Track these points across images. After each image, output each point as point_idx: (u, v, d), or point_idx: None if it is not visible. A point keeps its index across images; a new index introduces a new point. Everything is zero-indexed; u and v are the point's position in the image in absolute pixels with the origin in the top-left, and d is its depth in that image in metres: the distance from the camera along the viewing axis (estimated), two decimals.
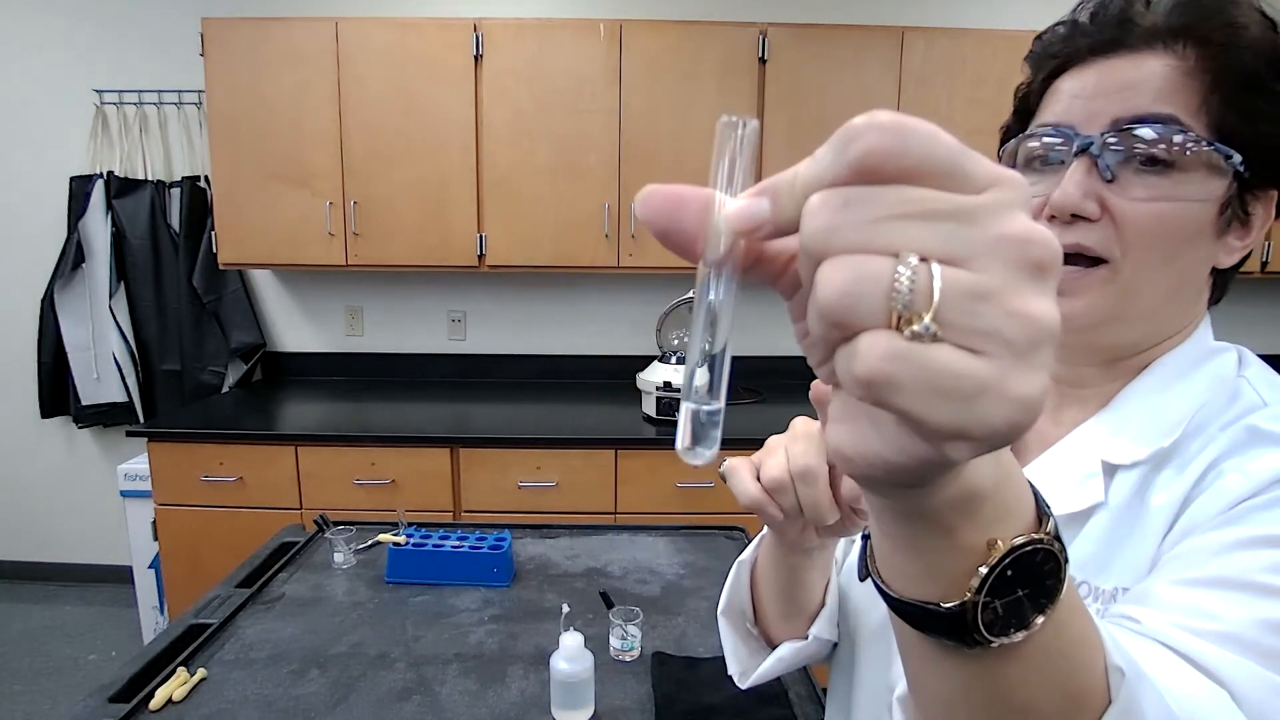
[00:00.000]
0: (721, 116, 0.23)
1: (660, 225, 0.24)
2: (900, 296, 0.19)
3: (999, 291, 0.19)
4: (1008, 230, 0.20)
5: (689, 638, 1.10)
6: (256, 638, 1.08)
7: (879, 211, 0.20)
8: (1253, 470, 0.43)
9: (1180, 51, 0.45)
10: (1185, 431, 0.48)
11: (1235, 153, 0.45)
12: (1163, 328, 0.52)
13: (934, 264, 0.19)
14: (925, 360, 0.19)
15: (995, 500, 0.25)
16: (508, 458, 2.25)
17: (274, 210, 2.48)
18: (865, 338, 0.20)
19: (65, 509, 3.06)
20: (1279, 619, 0.38)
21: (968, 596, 0.25)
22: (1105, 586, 0.47)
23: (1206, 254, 0.49)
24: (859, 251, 0.20)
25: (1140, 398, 0.52)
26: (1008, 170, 0.20)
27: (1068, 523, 0.50)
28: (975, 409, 0.19)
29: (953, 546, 0.25)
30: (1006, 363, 0.19)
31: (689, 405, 0.24)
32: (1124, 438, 0.50)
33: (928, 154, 0.20)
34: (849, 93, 2.45)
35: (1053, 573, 0.26)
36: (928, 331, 0.19)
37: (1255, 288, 2.89)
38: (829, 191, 0.20)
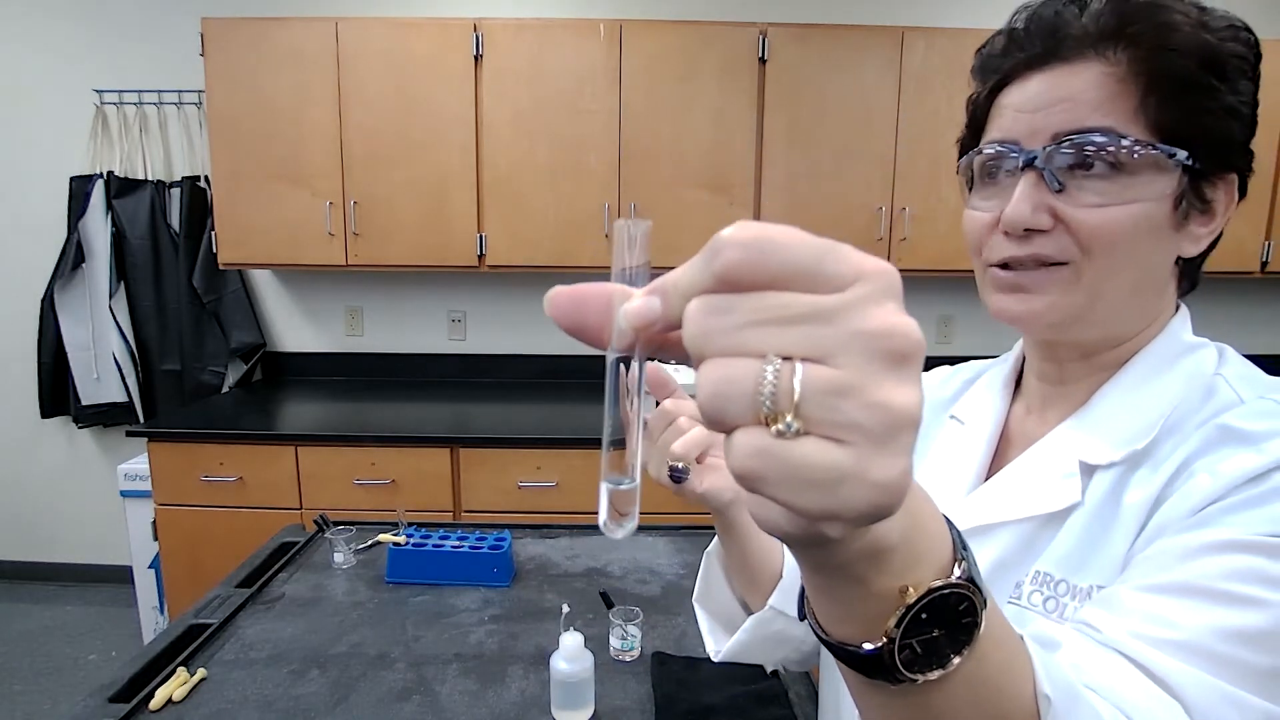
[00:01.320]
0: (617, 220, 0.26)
1: (568, 324, 0.26)
2: (764, 397, 0.21)
3: (858, 385, 0.20)
4: (866, 325, 0.21)
5: (689, 638, 1.10)
6: (256, 638, 1.08)
7: (744, 318, 0.21)
8: (1222, 470, 0.43)
9: (1112, 57, 0.46)
10: (1161, 430, 0.49)
11: (1178, 150, 0.46)
12: (1133, 322, 0.52)
13: (797, 363, 0.21)
14: (789, 456, 0.21)
15: (904, 550, 0.26)
16: (508, 458, 2.25)
17: (274, 210, 2.48)
18: (737, 435, 0.22)
19: (65, 509, 3.06)
20: (1235, 627, 0.38)
21: (883, 641, 0.27)
22: (1082, 585, 0.48)
23: (1168, 247, 0.49)
24: (729, 354, 0.22)
25: (1117, 396, 0.52)
26: (874, 263, 0.22)
27: (1047, 521, 0.51)
28: (839, 494, 0.21)
29: (867, 594, 0.26)
30: (866, 450, 0.21)
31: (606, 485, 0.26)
32: (1101, 437, 0.51)
33: (786, 262, 0.21)
34: (849, 93, 2.45)
35: (968, 612, 0.28)
36: (790, 429, 0.21)
37: (1255, 288, 2.89)
38: (703, 298, 0.22)
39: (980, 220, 0.53)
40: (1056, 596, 0.49)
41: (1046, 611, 0.49)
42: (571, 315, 0.26)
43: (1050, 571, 0.49)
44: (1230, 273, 2.56)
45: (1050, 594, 0.49)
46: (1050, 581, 0.49)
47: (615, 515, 0.26)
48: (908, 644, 0.27)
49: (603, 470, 0.26)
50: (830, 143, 2.48)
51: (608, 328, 0.26)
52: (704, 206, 2.49)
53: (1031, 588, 0.50)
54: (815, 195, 2.50)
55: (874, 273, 0.21)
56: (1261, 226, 2.53)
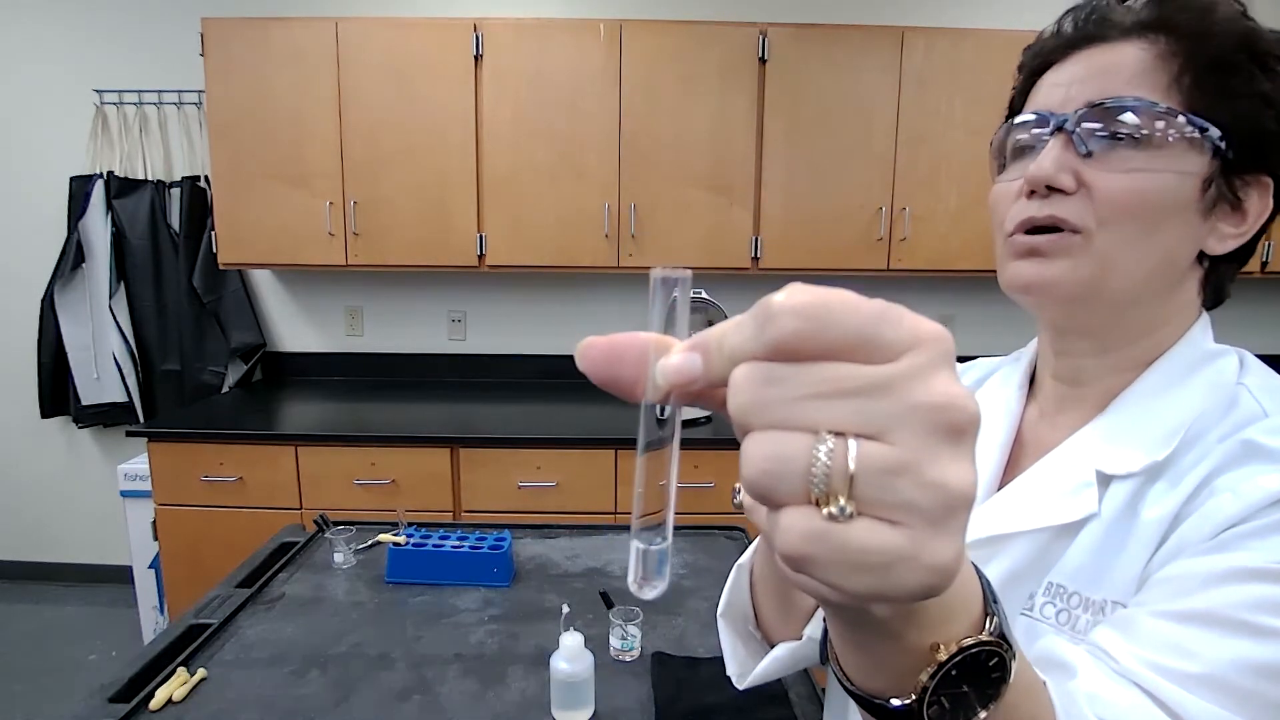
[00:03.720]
0: (655, 270, 0.24)
1: (600, 378, 0.25)
2: (817, 479, 0.20)
3: (913, 463, 0.20)
4: (922, 399, 0.20)
5: (689, 638, 1.10)
6: (256, 638, 1.08)
7: (798, 391, 0.20)
8: (1245, 491, 0.42)
9: (1151, 39, 0.47)
10: (1181, 441, 0.47)
11: (1210, 125, 0.45)
12: (1148, 311, 0.51)
13: (851, 440, 0.20)
14: (841, 540, 0.20)
15: (939, 606, 0.25)
16: (508, 458, 2.25)
17: (274, 210, 2.48)
18: (785, 515, 0.21)
19: (65, 509, 3.06)
20: (1256, 660, 0.37)
21: (913, 698, 0.26)
22: (1095, 598, 0.47)
23: (1191, 234, 0.48)
24: (780, 428, 0.21)
25: (1136, 403, 0.51)
26: (930, 328, 0.21)
27: (1061, 532, 0.50)
28: (890, 578, 0.20)
29: (898, 649, 0.26)
30: (921, 533, 0.20)
31: (638, 545, 0.25)
32: (1119, 446, 0.50)
33: (844, 331, 0.20)
34: (849, 93, 2.45)
35: (998, 667, 0.27)
36: (844, 514, 0.20)
37: (1255, 288, 2.90)
38: (752, 366, 0.21)
39: (1008, 190, 0.52)
40: (1069, 609, 0.48)
41: (1059, 624, 0.48)
42: (605, 370, 0.25)
43: (1063, 584, 0.49)
44: None
45: (1063, 606, 0.48)
46: (1063, 593, 0.48)
47: (647, 575, 0.25)
48: (936, 700, 0.27)
49: (634, 527, 0.25)
50: (830, 143, 2.48)
51: (642, 381, 0.24)
52: (704, 206, 2.49)
53: (1044, 599, 0.49)
54: (815, 195, 2.50)
55: (931, 339, 0.20)
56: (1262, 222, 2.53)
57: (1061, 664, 0.41)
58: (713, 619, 0.66)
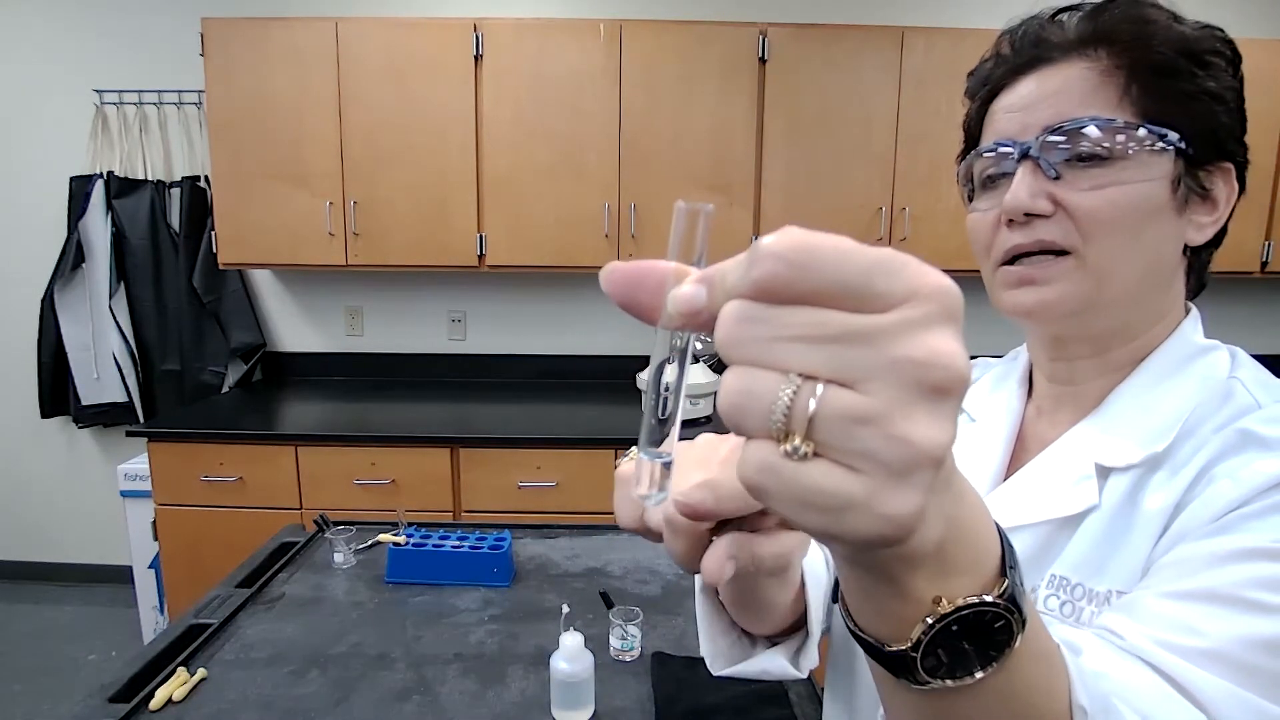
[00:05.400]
0: (679, 202, 0.25)
1: (621, 300, 0.26)
2: (776, 416, 0.20)
3: (882, 414, 0.20)
4: (906, 352, 0.20)
5: (689, 638, 1.10)
6: (256, 638, 1.08)
7: (773, 331, 0.21)
8: (1244, 476, 0.43)
9: (1093, 54, 0.49)
10: (1178, 434, 0.48)
11: (1167, 130, 0.47)
12: (1144, 312, 0.52)
13: (818, 385, 0.20)
14: (793, 477, 0.21)
15: (940, 559, 0.25)
16: (508, 458, 2.25)
17: (274, 210, 2.48)
18: (749, 446, 0.22)
19: (65, 509, 3.06)
20: (1262, 636, 0.38)
21: (908, 645, 0.26)
22: (1099, 589, 0.47)
23: (1172, 231, 0.50)
24: (754, 365, 0.21)
25: (1131, 397, 0.52)
26: (934, 281, 0.20)
27: (1063, 525, 0.51)
28: (842, 521, 0.21)
29: (898, 594, 0.26)
30: (879, 482, 0.20)
31: (645, 457, 0.26)
32: (1116, 439, 0.51)
33: (828, 277, 0.20)
34: (849, 93, 2.45)
35: (1004, 630, 0.27)
36: (797, 451, 0.20)
37: (1255, 288, 2.89)
38: (737, 304, 0.22)
39: (984, 220, 0.54)
40: (1073, 601, 0.48)
41: (1063, 616, 0.48)
42: (626, 292, 0.26)
43: (1066, 575, 0.49)
44: (1230, 273, 2.55)
45: (1067, 598, 0.49)
46: (1066, 585, 0.49)
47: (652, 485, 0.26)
48: (934, 651, 0.27)
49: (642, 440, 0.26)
50: (830, 143, 2.48)
51: (659, 307, 0.25)
52: None
53: (1047, 592, 0.50)
54: (815, 195, 2.50)
55: (930, 292, 0.20)
56: (1261, 226, 2.53)
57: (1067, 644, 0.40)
58: None
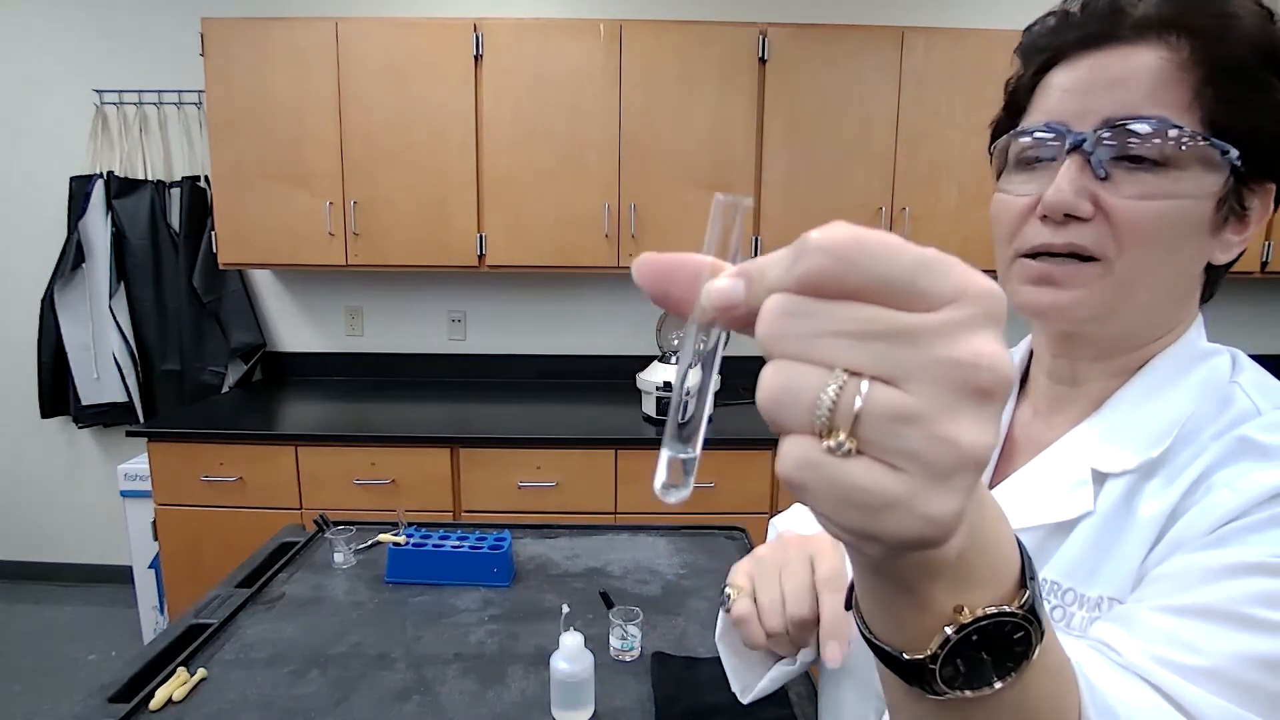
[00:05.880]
0: (717, 195, 0.25)
1: (652, 292, 0.26)
2: (820, 411, 0.20)
3: (926, 414, 0.20)
4: (951, 353, 0.20)
5: (689, 638, 1.10)
6: (256, 638, 1.08)
7: (819, 327, 0.20)
8: (1242, 486, 0.42)
9: (1173, 43, 0.44)
10: (1175, 439, 0.48)
11: (1232, 147, 0.44)
12: (1158, 324, 0.52)
13: (864, 382, 0.20)
14: (835, 473, 0.20)
15: (962, 569, 0.25)
16: (508, 458, 2.25)
17: (274, 210, 2.48)
18: (788, 441, 0.21)
19: (65, 509, 3.06)
20: (1260, 653, 0.37)
21: (926, 654, 0.26)
22: (1091, 594, 0.47)
23: (1203, 249, 0.49)
24: (797, 360, 0.21)
25: (1131, 402, 0.51)
26: (980, 284, 0.20)
27: (1056, 529, 0.50)
28: (881, 520, 0.20)
29: (917, 604, 0.26)
30: (920, 483, 0.20)
31: (668, 452, 0.26)
32: (1114, 444, 0.50)
33: (877, 274, 0.20)
34: (849, 93, 2.45)
35: (1022, 641, 0.27)
36: (841, 447, 0.20)
37: (1255, 288, 2.89)
38: (781, 297, 0.21)
39: (1015, 205, 0.50)
40: (1064, 605, 0.48)
41: (1054, 621, 0.48)
42: (657, 284, 0.25)
43: (1058, 580, 0.49)
44: (1230, 273, 2.55)
45: (1058, 603, 0.48)
46: (1058, 590, 0.49)
47: (673, 479, 0.26)
48: (952, 661, 0.26)
49: (667, 436, 0.26)
50: (830, 143, 2.48)
51: (691, 300, 0.25)
52: (704, 207, 2.44)
53: None
54: (815, 195, 2.50)
55: (976, 294, 0.20)
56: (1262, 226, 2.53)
57: None
58: (712, 619, 0.66)
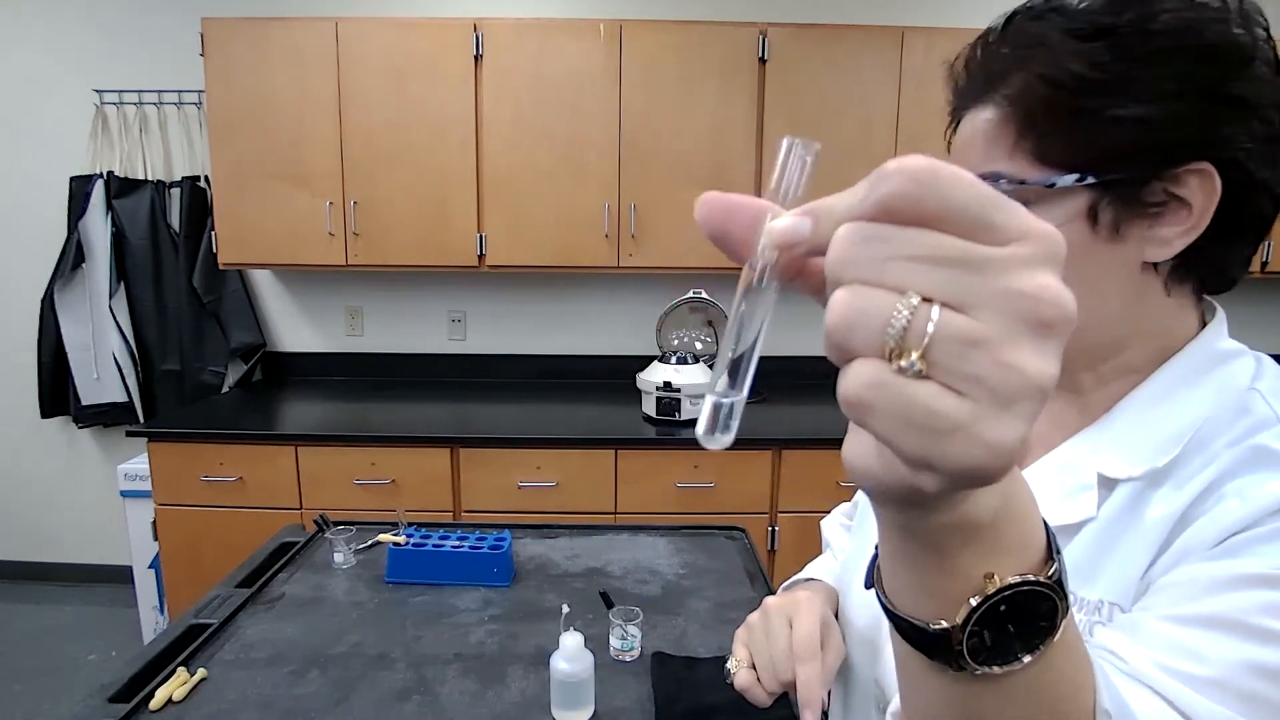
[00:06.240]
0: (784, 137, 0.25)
1: (712, 231, 0.25)
2: (893, 332, 0.20)
3: (994, 341, 0.20)
4: (1018, 285, 0.20)
5: (689, 638, 1.10)
6: (256, 638, 1.08)
7: (893, 251, 0.21)
8: (1254, 496, 0.41)
9: (996, 99, 0.48)
10: (1187, 445, 0.47)
11: (1057, 178, 0.44)
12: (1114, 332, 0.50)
13: (935, 307, 0.20)
14: (903, 393, 0.20)
15: (994, 534, 0.25)
16: (508, 458, 2.25)
17: (274, 210, 2.48)
18: (856, 364, 0.21)
19: (65, 509, 3.06)
20: (1266, 664, 0.37)
21: (956, 623, 0.26)
22: (1091, 597, 0.47)
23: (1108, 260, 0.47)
24: (869, 285, 0.21)
25: (1141, 406, 0.50)
26: (1042, 226, 0.21)
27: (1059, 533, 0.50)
28: (944, 445, 0.20)
29: (948, 569, 0.26)
30: (986, 408, 0.20)
31: (712, 397, 0.25)
32: (1121, 449, 0.49)
33: (952, 203, 0.20)
34: (849, 93, 2.45)
35: (1048, 614, 0.27)
36: (912, 368, 0.20)
37: (1255, 288, 2.89)
38: (855, 225, 0.22)
39: None
40: None
41: None
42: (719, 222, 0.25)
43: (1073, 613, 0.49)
44: None
45: None
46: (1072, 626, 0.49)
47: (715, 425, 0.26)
48: (979, 632, 0.26)
49: (714, 380, 0.26)
50: (830, 143, 2.44)
51: (750, 242, 0.25)
52: None
53: None
54: (815, 195, 2.48)
55: (1040, 235, 0.21)
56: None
57: None
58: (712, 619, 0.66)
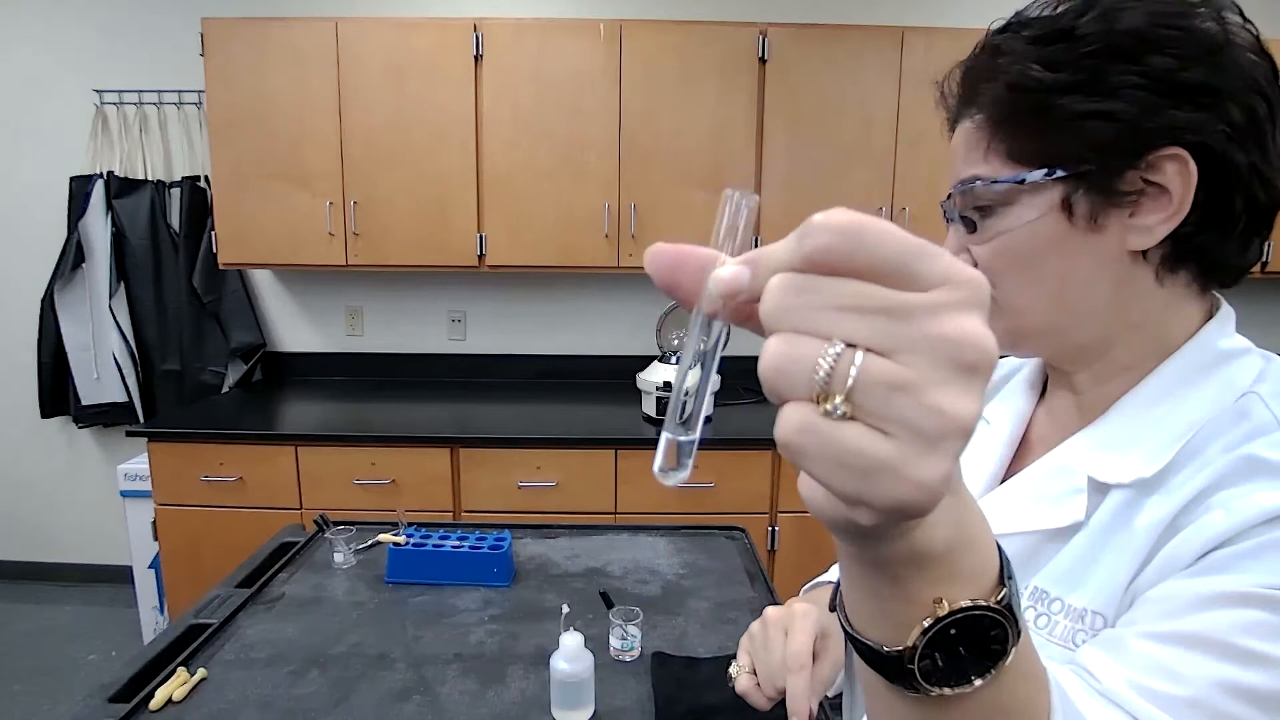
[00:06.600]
0: (726, 189, 0.27)
1: (662, 282, 0.27)
2: (819, 377, 0.22)
3: (917, 383, 0.21)
4: (940, 329, 0.21)
5: (689, 638, 1.10)
6: (256, 638, 1.08)
7: (820, 301, 0.22)
8: (1238, 508, 0.41)
9: (972, 113, 0.52)
10: (1182, 451, 0.46)
11: (1026, 174, 0.48)
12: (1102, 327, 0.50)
13: (858, 352, 0.21)
14: (830, 435, 0.22)
15: (947, 562, 0.26)
16: (508, 458, 2.25)
17: (274, 210, 2.48)
18: (787, 408, 0.22)
19: (65, 509, 3.06)
20: (1242, 683, 0.37)
21: (908, 646, 0.27)
22: (1076, 605, 0.47)
23: (1089, 248, 0.47)
24: (799, 333, 0.22)
25: (1137, 407, 0.49)
26: (965, 272, 0.22)
27: (1053, 536, 0.50)
28: (872, 483, 0.21)
29: (902, 596, 0.27)
30: (910, 448, 0.21)
31: (668, 435, 0.27)
32: (1113, 453, 0.49)
33: (875, 254, 0.22)
34: (849, 93, 2.45)
35: (999, 639, 0.28)
36: (836, 411, 0.21)
37: (1255, 287, 2.89)
38: (786, 275, 0.23)
39: None
40: (1049, 614, 0.48)
41: (1036, 628, 0.48)
42: (667, 273, 0.27)
43: (1047, 588, 0.49)
44: None
45: (1043, 610, 0.48)
46: (1045, 598, 0.49)
47: (670, 463, 0.27)
48: (930, 655, 0.27)
49: (669, 419, 0.27)
50: (830, 143, 2.48)
51: (699, 289, 0.26)
52: (704, 206, 2.49)
53: (1027, 603, 0.49)
54: (815, 195, 2.50)
55: (963, 280, 0.22)
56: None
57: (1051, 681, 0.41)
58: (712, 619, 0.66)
